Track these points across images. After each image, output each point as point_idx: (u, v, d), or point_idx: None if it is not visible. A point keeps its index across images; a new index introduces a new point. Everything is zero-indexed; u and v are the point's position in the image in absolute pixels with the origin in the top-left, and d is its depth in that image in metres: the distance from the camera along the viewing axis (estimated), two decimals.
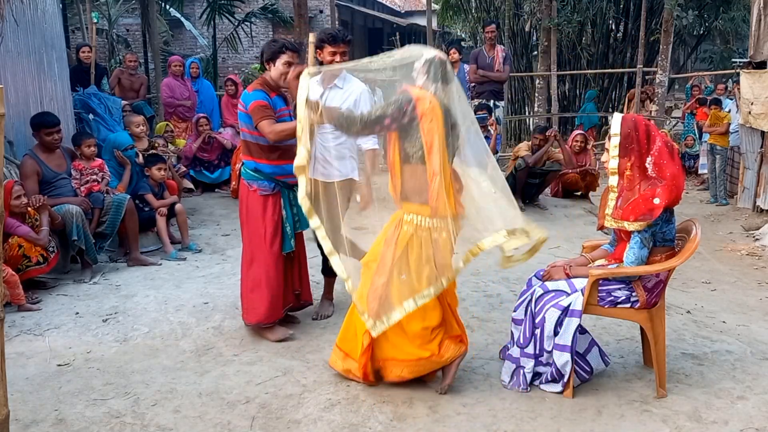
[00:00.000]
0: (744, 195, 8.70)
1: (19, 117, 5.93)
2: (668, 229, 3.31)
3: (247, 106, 3.92)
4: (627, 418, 3.20)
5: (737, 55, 17.00)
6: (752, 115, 8.12)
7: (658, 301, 3.39)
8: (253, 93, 3.93)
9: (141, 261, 5.61)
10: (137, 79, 9.42)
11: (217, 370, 3.68)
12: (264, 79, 4.02)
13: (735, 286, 5.72)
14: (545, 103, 13.86)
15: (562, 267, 3.50)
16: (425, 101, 3.19)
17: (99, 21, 13.34)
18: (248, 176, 4.05)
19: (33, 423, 3.13)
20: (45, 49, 6.68)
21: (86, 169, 5.72)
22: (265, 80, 4.01)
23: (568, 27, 13.91)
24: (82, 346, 3.99)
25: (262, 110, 3.86)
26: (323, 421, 3.16)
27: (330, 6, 18.95)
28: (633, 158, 3.27)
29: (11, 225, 4.67)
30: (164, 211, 6.03)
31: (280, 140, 3.89)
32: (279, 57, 3.95)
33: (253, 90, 3.95)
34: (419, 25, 27.09)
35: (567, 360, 3.31)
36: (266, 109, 3.88)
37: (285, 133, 3.84)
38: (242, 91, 5.42)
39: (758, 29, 8.16)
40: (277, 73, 3.95)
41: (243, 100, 3.99)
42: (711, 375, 3.64)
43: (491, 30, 8.87)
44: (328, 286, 4.59)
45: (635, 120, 3.32)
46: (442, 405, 3.30)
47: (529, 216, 7.51)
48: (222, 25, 16.72)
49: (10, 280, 4.40)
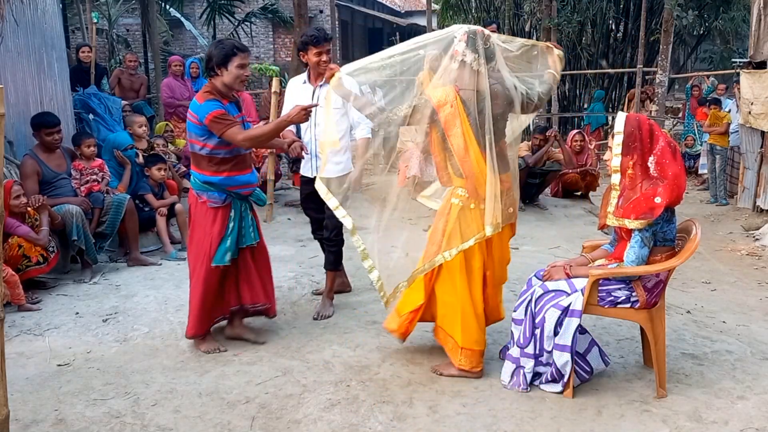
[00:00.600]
0: (744, 195, 8.70)
1: (19, 117, 5.93)
2: (669, 228, 3.31)
3: (202, 117, 3.63)
4: (627, 418, 3.20)
5: (737, 55, 16.99)
6: (752, 115, 8.12)
7: (658, 301, 3.39)
8: (206, 104, 3.63)
9: (141, 261, 5.62)
10: (137, 79, 9.42)
11: (217, 370, 3.68)
12: (213, 86, 3.71)
13: (735, 286, 5.71)
14: (545, 103, 13.84)
15: (562, 267, 3.49)
16: (438, 94, 3.39)
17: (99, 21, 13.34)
18: (198, 187, 3.82)
19: (33, 423, 3.13)
20: (45, 49, 6.68)
21: (86, 169, 5.72)
22: (215, 87, 3.71)
23: (568, 27, 13.91)
24: (82, 346, 3.99)
25: (223, 119, 3.62)
26: (323, 421, 3.16)
27: (330, 6, 18.97)
28: (636, 157, 3.28)
29: (11, 225, 4.67)
30: (164, 211, 6.03)
31: (256, 146, 3.84)
32: (231, 60, 3.66)
33: (204, 100, 3.65)
34: (419, 25, 27.08)
35: (567, 360, 3.31)
36: (227, 117, 3.64)
37: (261, 138, 3.72)
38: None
39: (758, 29, 8.17)
40: (231, 77, 3.68)
41: (194, 111, 3.68)
42: (711, 375, 3.64)
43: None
44: (330, 284, 4.58)
45: (639, 119, 3.33)
46: (442, 405, 3.30)
47: (529, 216, 7.66)
48: (222, 25, 16.75)
49: (10, 280, 4.40)
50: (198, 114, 3.66)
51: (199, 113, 3.66)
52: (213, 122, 3.62)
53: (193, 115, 3.69)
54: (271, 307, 4.11)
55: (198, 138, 3.72)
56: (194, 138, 3.75)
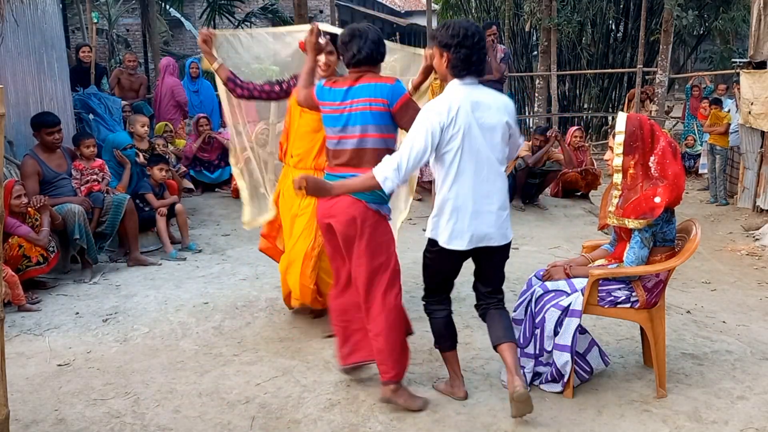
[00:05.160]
0: (744, 195, 8.70)
1: (19, 117, 5.93)
2: (668, 229, 3.31)
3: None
4: (627, 418, 3.20)
5: (737, 55, 16.97)
6: (752, 115, 8.12)
7: (658, 301, 3.39)
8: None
9: (141, 261, 5.61)
10: (137, 79, 9.43)
11: (217, 370, 3.68)
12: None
13: (735, 286, 5.71)
14: (545, 103, 13.86)
15: (562, 267, 3.50)
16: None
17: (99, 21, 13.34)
18: (379, 200, 3.25)
19: (33, 423, 3.13)
20: (45, 49, 6.68)
21: (86, 169, 5.72)
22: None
23: (568, 27, 13.90)
24: (82, 346, 3.99)
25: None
26: (323, 421, 3.16)
27: (330, 6, 18.96)
28: (637, 156, 3.28)
29: (11, 225, 4.67)
30: (164, 211, 6.03)
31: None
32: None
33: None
34: (419, 25, 27.11)
35: (567, 360, 3.31)
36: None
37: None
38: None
39: (758, 29, 8.17)
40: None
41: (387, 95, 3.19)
42: (711, 375, 3.64)
43: (492, 33, 8.88)
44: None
45: (640, 119, 3.34)
46: (442, 405, 3.30)
47: (529, 216, 7.65)
48: (222, 25, 16.72)
49: (10, 280, 4.40)
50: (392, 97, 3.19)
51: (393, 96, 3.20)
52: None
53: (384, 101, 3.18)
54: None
55: (394, 131, 3.31)
56: (389, 131, 3.26)
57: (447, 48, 3.00)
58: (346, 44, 3.25)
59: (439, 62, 3.08)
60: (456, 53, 2.98)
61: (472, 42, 2.97)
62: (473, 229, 3.03)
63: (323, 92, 3.34)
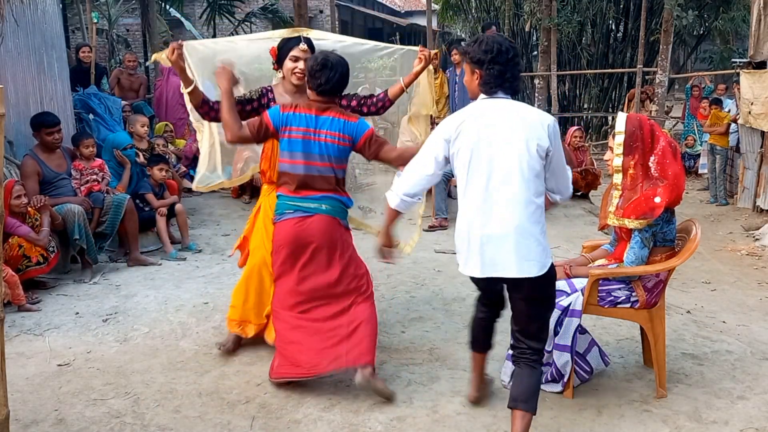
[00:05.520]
0: (744, 195, 8.70)
1: (19, 117, 5.93)
2: (669, 229, 3.31)
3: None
4: (627, 418, 3.20)
5: (737, 55, 16.97)
6: (752, 115, 8.11)
7: (658, 301, 3.39)
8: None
9: (141, 261, 5.61)
10: (137, 79, 9.42)
11: (217, 370, 3.68)
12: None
13: (735, 286, 5.71)
14: (545, 103, 13.84)
15: (562, 267, 3.49)
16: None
17: (99, 21, 13.31)
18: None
19: (33, 423, 3.13)
20: (45, 49, 6.68)
21: (86, 169, 5.72)
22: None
23: (568, 27, 13.90)
24: (82, 346, 3.99)
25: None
26: (323, 421, 3.16)
27: (330, 6, 18.99)
28: (637, 156, 3.28)
29: (11, 225, 4.67)
30: (164, 211, 6.03)
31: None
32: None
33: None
34: (419, 25, 27.12)
35: (567, 360, 3.31)
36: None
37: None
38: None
39: (758, 29, 8.16)
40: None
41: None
42: (711, 375, 3.64)
43: (491, 32, 8.88)
44: None
45: (640, 119, 3.34)
46: (442, 405, 3.30)
47: None
48: (222, 25, 16.73)
49: (10, 280, 4.40)
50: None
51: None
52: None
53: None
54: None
55: (347, 162, 3.56)
56: (344, 163, 3.52)
57: (480, 64, 2.82)
58: (315, 72, 3.33)
59: (470, 79, 2.89)
60: (489, 70, 2.80)
61: (506, 58, 2.80)
62: (482, 254, 2.76)
63: (288, 118, 3.36)
